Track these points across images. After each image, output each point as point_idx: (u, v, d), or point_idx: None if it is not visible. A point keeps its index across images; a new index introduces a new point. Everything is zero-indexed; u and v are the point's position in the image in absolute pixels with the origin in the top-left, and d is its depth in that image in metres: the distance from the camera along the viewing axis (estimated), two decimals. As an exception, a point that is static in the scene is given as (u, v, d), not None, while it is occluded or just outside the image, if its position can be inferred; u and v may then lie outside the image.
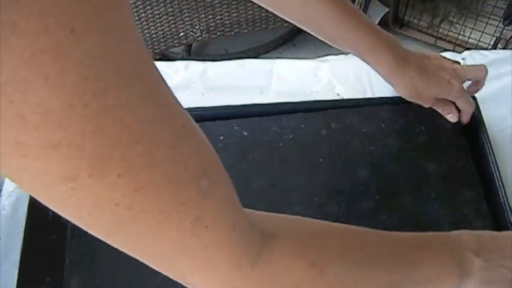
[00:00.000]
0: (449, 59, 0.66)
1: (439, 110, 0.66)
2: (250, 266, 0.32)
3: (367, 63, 0.63)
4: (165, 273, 0.31)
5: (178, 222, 0.26)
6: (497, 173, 0.62)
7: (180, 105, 0.28)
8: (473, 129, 0.67)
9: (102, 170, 0.22)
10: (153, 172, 0.24)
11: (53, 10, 0.18)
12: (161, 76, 0.26)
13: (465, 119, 0.66)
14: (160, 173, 0.24)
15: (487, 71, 0.65)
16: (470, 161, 0.64)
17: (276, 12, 0.59)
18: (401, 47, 0.63)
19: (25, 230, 0.56)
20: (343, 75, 0.79)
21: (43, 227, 0.56)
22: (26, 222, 0.56)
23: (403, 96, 0.65)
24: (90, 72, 0.20)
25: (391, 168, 0.63)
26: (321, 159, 0.64)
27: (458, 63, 0.66)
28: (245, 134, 0.66)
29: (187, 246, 0.28)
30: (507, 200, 0.60)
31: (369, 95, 0.76)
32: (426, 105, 0.65)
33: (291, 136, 0.66)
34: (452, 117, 0.65)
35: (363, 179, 0.62)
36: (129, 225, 0.25)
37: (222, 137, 0.66)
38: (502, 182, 0.61)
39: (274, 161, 0.64)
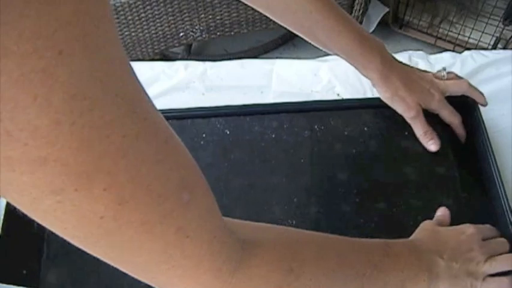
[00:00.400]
0: (430, 73, 0.67)
1: (420, 135, 0.64)
2: (230, 274, 0.33)
3: (356, 67, 0.64)
4: (147, 282, 0.31)
5: (161, 234, 0.27)
6: (497, 174, 0.62)
7: (163, 118, 0.29)
8: (474, 130, 0.66)
9: (88, 184, 0.23)
10: (136, 186, 0.25)
11: (42, 33, 0.19)
12: (144, 91, 0.27)
13: (458, 131, 0.66)
14: (143, 187, 0.25)
15: (468, 85, 0.66)
16: (452, 167, 0.64)
17: (269, 16, 0.60)
18: (388, 51, 0.65)
19: (3, 223, 0.56)
20: (343, 75, 0.79)
21: (21, 220, 0.56)
22: (4, 215, 0.56)
23: (385, 100, 0.65)
24: (77, 91, 0.21)
25: (372, 171, 0.63)
26: (302, 160, 0.64)
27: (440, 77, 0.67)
28: (227, 132, 0.66)
29: (170, 257, 0.29)
30: (507, 202, 0.60)
31: (369, 95, 0.76)
32: (409, 114, 0.64)
33: (273, 136, 0.65)
34: (433, 146, 0.64)
35: (344, 181, 0.62)
36: (112, 237, 0.26)
37: (204, 135, 0.66)
38: (502, 184, 0.61)
39: (255, 161, 0.64)
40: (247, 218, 0.59)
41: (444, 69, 0.67)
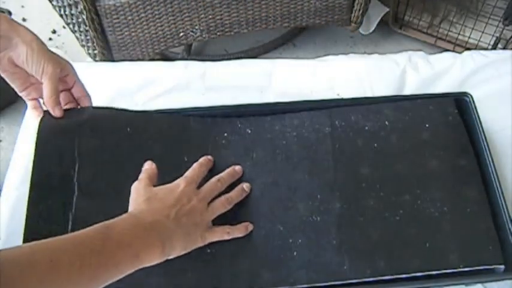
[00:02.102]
0: None
1: (52, 98, 0.58)
2: None
3: None
4: None
5: None
6: (493, 172, 0.62)
7: None
8: (469, 129, 0.67)
9: None
10: None
11: None
12: None
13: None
14: None
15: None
16: (473, 159, 0.64)
17: None
18: None
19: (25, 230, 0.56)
20: (343, 75, 0.79)
21: (43, 218, 0.56)
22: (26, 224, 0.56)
23: None
24: None
25: (394, 165, 0.63)
26: (325, 157, 0.64)
27: None
28: (249, 131, 0.66)
29: None
30: (504, 201, 0.60)
31: (369, 95, 0.76)
32: (49, 73, 0.57)
33: (294, 134, 0.66)
34: (58, 110, 0.59)
35: (366, 176, 0.62)
36: None
37: (225, 134, 0.66)
38: (499, 182, 0.61)
39: (277, 159, 0.64)
40: (271, 216, 0.60)
41: None
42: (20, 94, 0.62)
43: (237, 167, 0.62)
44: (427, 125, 0.66)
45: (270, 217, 0.60)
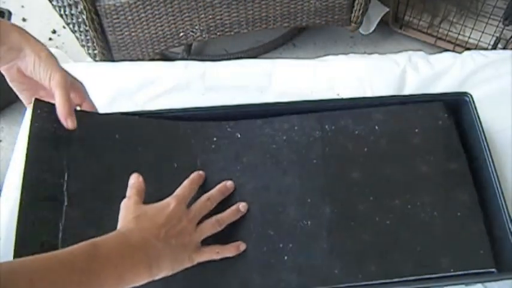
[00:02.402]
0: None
1: (65, 107, 0.56)
2: None
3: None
4: None
5: None
6: (493, 172, 0.62)
7: None
8: (469, 129, 0.67)
9: None
10: None
11: None
12: None
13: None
14: None
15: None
16: (465, 162, 0.64)
17: None
18: None
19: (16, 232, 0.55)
20: (343, 75, 0.79)
21: (34, 228, 0.56)
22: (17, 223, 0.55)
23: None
24: None
25: (384, 169, 0.63)
26: (315, 161, 0.64)
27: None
28: (238, 135, 0.66)
29: None
30: (504, 201, 0.60)
31: (369, 95, 0.76)
32: (56, 80, 0.55)
33: (284, 138, 0.65)
34: (71, 122, 0.57)
35: (357, 180, 0.62)
36: None
37: (215, 138, 0.66)
38: (499, 182, 0.61)
39: (267, 163, 0.64)
40: (262, 221, 0.59)
41: None
42: (27, 106, 0.61)
43: (229, 183, 0.61)
44: (416, 130, 0.66)
45: (260, 221, 0.60)
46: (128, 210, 0.54)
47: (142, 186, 0.57)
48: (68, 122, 0.56)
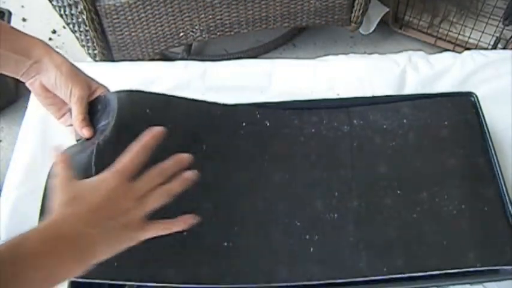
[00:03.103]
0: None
1: (79, 119, 0.58)
2: None
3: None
4: None
5: None
6: (499, 171, 0.62)
7: None
8: (474, 127, 0.66)
9: None
10: None
11: None
12: None
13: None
14: None
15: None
16: (489, 159, 0.64)
17: None
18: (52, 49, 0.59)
19: None
20: (343, 75, 0.79)
21: None
22: None
23: (49, 87, 0.58)
24: None
25: (412, 163, 0.63)
26: (342, 155, 0.63)
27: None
28: (267, 123, 0.66)
29: None
30: (509, 198, 0.60)
31: (369, 94, 0.76)
32: (76, 96, 0.57)
33: (312, 131, 0.65)
34: (87, 131, 0.58)
35: (384, 174, 0.62)
36: None
37: (244, 124, 0.65)
38: (504, 181, 0.61)
39: (295, 155, 0.63)
40: (289, 213, 0.59)
41: None
42: (59, 121, 0.63)
43: (184, 155, 0.53)
44: (445, 123, 0.65)
45: (287, 213, 0.60)
46: (61, 190, 0.48)
47: (68, 160, 0.51)
48: (84, 132, 0.58)
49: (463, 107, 0.67)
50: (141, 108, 0.61)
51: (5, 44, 0.56)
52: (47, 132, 0.72)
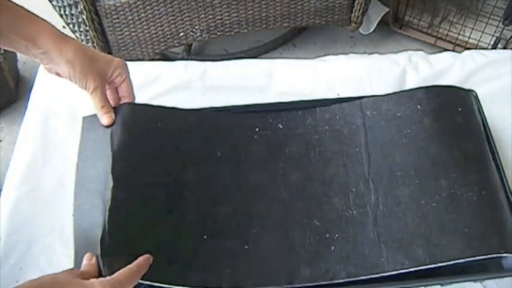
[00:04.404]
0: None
1: (97, 108, 0.59)
2: None
3: (25, 41, 0.56)
4: None
5: None
6: (500, 165, 0.62)
7: None
8: (475, 126, 0.66)
9: None
10: None
11: None
12: None
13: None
14: None
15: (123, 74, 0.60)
16: (495, 147, 0.63)
17: None
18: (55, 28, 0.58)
19: None
20: (343, 75, 0.79)
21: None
22: None
23: (63, 76, 0.58)
24: None
25: (429, 150, 0.61)
26: (357, 149, 0.63)
27: None
28: (280, 126, 0.66)
29: None
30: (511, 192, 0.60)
31: (369, 94, 0.76)
32: (90, 88, 0.58)
33: (326, 128, 0.65)
34: (105, 119, 0.59)
35: (401, 163, 0.61)
36: None
37: (257, 129, 0.65)
38: (505, 175, 0.62)
39: (310, 154, 0.63)
40: (307, 212, 0.59)
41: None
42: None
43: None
44: (459, 109, 0.64)
45: (305, 212, 0.59)
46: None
47: (95, 270, 0.51)
48: (103, 119, 0.59)
49: (470, 98, 0.67)
50: (152, 122, 0.62)
51: (12, 29, 0.55)
52: (47, 132, 0.72)
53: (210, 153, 0.62)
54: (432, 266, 0.54)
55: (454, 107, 0.64)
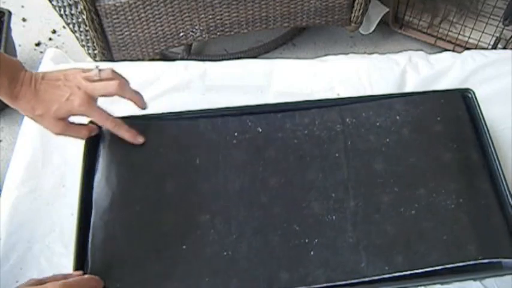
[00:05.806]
0: (85, 74, 0.59)
1: (72, 135, 0.62)
2: None
3: None
4: None
5: None
6: (498, 165, 0.62)
7: None
8: (473, 124, 0.66)
9: None
10: None
11: None
12: None
13: (119, 133, 0.63)
14: None
15: (118, 86, 0.59)
16: (481, 154, 0.64)
17: None
18: (23, 68, 0.59)
19: None
20: (343, 75, 0.79)
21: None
22: None
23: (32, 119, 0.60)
24: None
25: (407, 159, 0.63)
26: (337, 154, 0.63)
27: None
28: (259, 130, 0.66)
29: None
30: (510, 193, 0.60)
31: (369, 93, 0.76)
32: (55, 131, 0.60)
33: (305, 132, 0.65)
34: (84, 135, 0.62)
35: (380, 171, 0.62)
36: None
37: (236, 133, 0.65)
38: (504, 176, 0.61)
39: (289, 159, 0.63)
40: (286, 216, 0.59)
41: (97, 67, 0.60)
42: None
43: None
44: (438, 118, 0.65)
45: (285, 217, 0.60)
46: None
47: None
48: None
49: (455, 102, 0.67)
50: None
51: None
52: (47, 132, 0.72)
53: (188, 162, 0.63)
54: (412, 272, 0.55)
55: (433, 117, 0.66)
